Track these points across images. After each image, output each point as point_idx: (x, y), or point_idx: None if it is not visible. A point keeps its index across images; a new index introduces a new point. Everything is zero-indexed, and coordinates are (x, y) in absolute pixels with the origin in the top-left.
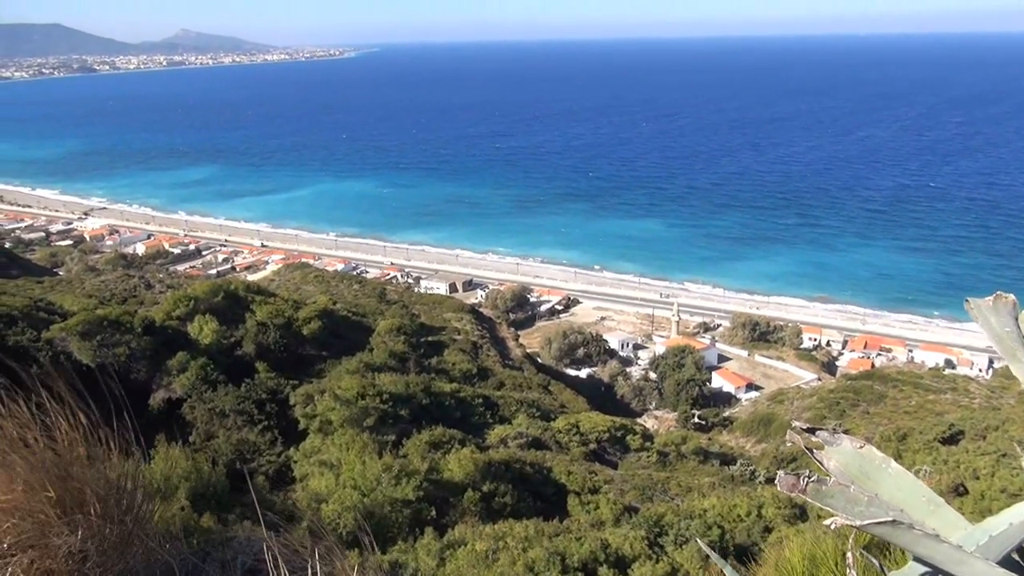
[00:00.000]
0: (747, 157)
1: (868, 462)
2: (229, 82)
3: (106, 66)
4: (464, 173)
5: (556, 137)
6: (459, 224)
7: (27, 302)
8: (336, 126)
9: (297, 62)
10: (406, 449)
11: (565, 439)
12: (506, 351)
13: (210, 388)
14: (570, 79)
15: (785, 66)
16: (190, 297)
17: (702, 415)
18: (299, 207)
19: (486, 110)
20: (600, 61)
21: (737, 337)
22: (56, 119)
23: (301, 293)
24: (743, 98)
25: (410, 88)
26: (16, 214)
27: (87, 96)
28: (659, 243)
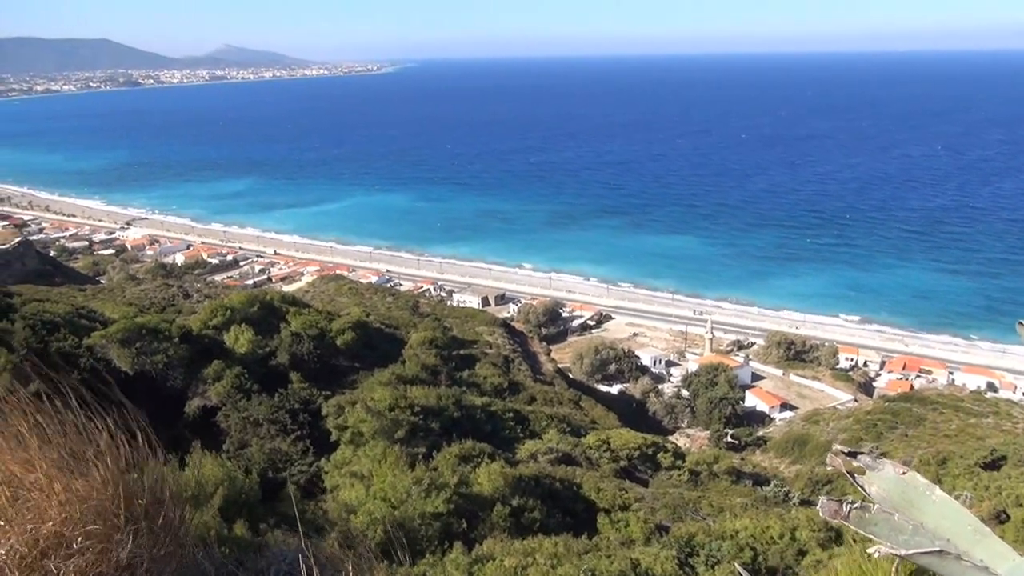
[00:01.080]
0: (781, 174)
1: (912, 489)
2: (269, 96)
3: (151, 80)
4: (497, 188)
5: (588, 152)
6: (492, 238)
7: (69, 309)
8: (372, 140)
9: (336, 77)
10: (436, 462)
11: (596, 455)
12: (537, 366)
13: (244, 397)
14: (603, 95)
15: (820, 83)
16: (227, 307)
17: (735, 434)
18: (334, 219)
19: (519, 125)
20: (633, 77)
21: (771, 356)
22: (101, 131)
23: (335, 304)
24: (777, 115)
25: (445, 103)
26: (62, 223)
27: (132, 109)
28: (693, 260)
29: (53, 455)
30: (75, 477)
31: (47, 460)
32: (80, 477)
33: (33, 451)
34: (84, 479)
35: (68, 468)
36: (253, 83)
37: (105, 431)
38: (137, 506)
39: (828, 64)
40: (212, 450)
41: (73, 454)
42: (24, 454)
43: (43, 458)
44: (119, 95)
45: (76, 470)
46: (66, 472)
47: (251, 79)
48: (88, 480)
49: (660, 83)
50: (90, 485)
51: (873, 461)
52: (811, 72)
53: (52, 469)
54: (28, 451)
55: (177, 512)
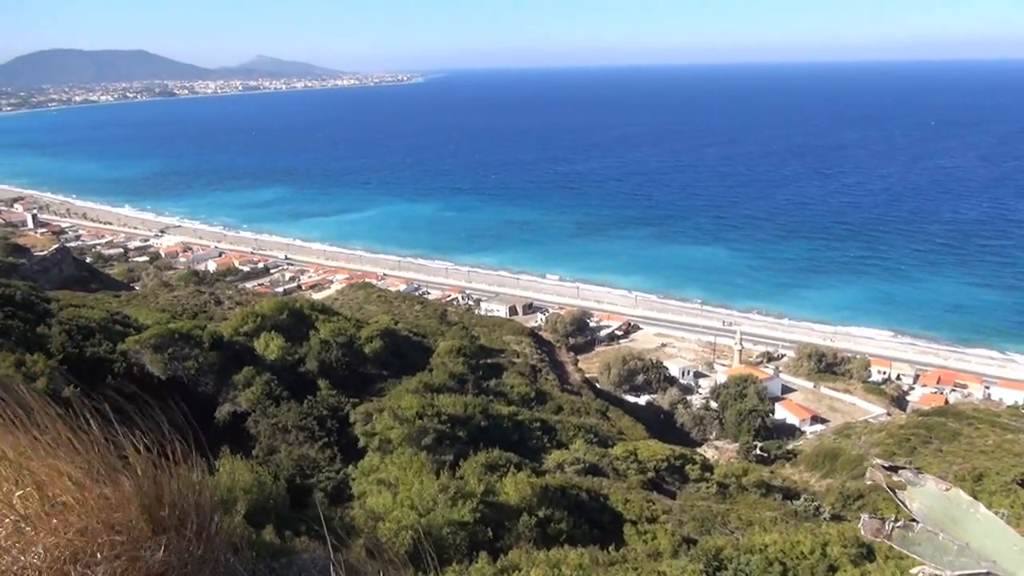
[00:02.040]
0: (812, 185)
1: (955, 506)
2: (300, 106)
3: (185, 90)
4: (524, 197)
5: (616, 162)
6: (519, 247)
7: (105, 315)
8: (401, 149)
9: (366, 87)
10: (463, 470)
11: (623, 466)
12: (565, 375)
13: (274, 403)
14: (630, 104)
15: (851, 92)
16: (257, 314)
17: (764, 447)
18: (363, 228)
19: (546, 135)
20: (660, 87)
21: (802, 368)
22: (137, 141)
23: (364, 312)
24: (808, 125)
25: (473, 113)
26: (98, 230)
27: (167, 119)
28: (721, 270)
29: (84, 462)
30: (106, 484)
31: (79, 467)
32: (111, 484)
33: (64, 458)
34: (115, 486)
35: (99, 475)
36: (285, 93)
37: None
38: (168, 513)
39: (859, 73)
40: (242, 456)
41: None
42: (55, 461)
43: (75, 465)
44: (155, 105)
45: (107, 477)
46: (97, 479)
47: (283, 89)
48: (119, 487)
49: (687, 93)
50: (121, 492)
51: (915, 476)
52: (842, 81)
53: (83, 476)
54: (59, 458)
55: (209, 518)
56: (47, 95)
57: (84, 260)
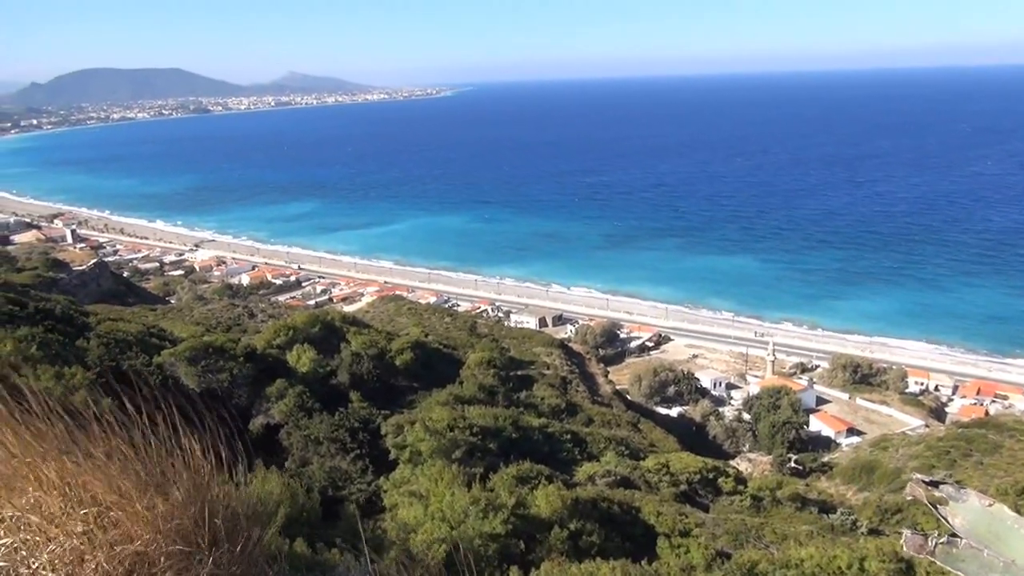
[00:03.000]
0: (843, 194)
1: (999, 522)
2: (331, 120)
3: (219, 107)
4: (552, 209)
5: (644, 173)
6: (549, 259)
7: (141, 328)
8: (430, 162)
9: (395, 101)
10: (493, 483)
11: (655, 479)
12: (595, 387)
13: (306, 415)
14: (658, 115)
15: (884, 100)
16: (290, 327)
17: (799, 459)
18: (394, 240)
19: (574, 146)
20: (690, 97)
21: (837, 379)
22: (173, 157)
23: (394, 325)
24: (839, 133)
25: (501, 125)
26: (135, 245)
27: (201, 135)
28: (753, 280)
29: (135, 475)
30: (156, 497)
31: (129, 480)
32: (161, 497)
33: (116, 471)
34: (165, 499)
35: (149, 488)
36: (316, 108)
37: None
38: (216, 525)
39: (892, 81)
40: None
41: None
42: (107, 475)
43: (125, 478)
44: (190, 121)
45: (157, 490)
46: (147, 492)
47: (314, 104)
48: (169, 500)
49: (716, 103)
50: (171, 505)
51: (956, 492)
52: (874, 89)
53: (134, 489)
54: (111, 472)
55: (251, 531)
56: (86, 113)
57: (121, 274)
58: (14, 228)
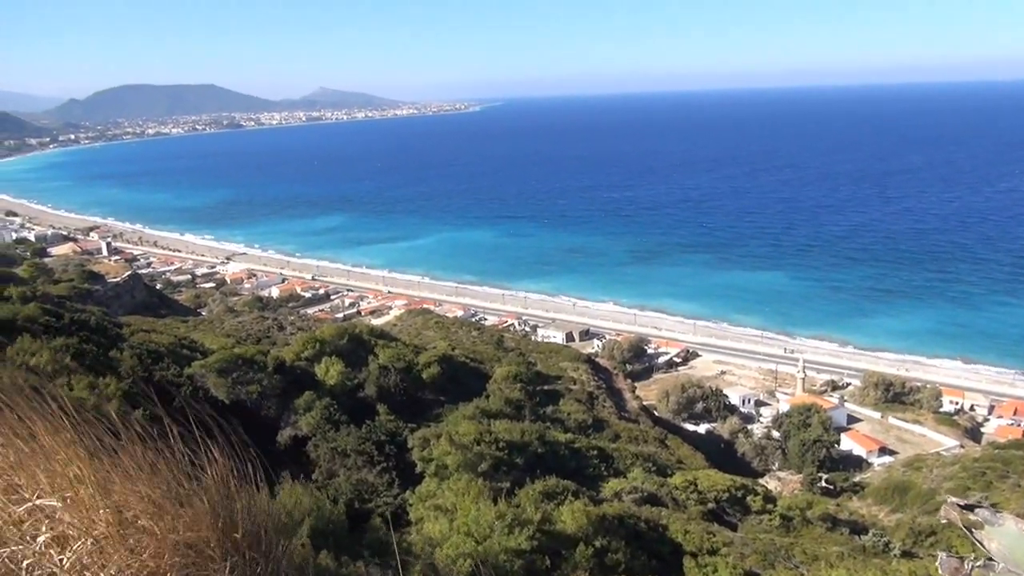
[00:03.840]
0: (874, 209)
1: None
2: (361, 135)
3: (251, 122)
4: (580, 224)
5: (671, 188)
6: (576, 273)
7: (172, 340)
8: (457, 177)
9: (424, 116)
10: (519, 498)
11: (682, 496)
12: (622, 403)
13: (333, 428)
14: (684, 130)
15: (916, 115)
16: (318, 339)
17: (830, 479)
18: (421, 255)
19: (602, 161)
20: (714, 112)
21: (868, 397)
22: (206, 171)
23: (422, 338)
24: (867, 148)
25: (528, 140)
26: (168, 258)
27: (233, 150)
28: (782, 296)
29: (162, 483)
30: (181, 506)
31: (156, 487)
32: (185, 506)
33: (143, 478)
34: (189, 508)
35: (176, 496)
36: (346, 123)
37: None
38: (240, 535)
39: (921, 95)
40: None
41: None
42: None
43: (153, 485)
44: (222, 137)
45: (183, 499)
46: (173, 501)
47: (344, 119)
48: (194, 509)
49: (743, 117)
50: (196, 514)
51: (992, 515)
52: (903, 104)
53: (161, 498)
54: (138, 478)
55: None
56: (122, 128)
57: (154, 286)
58: (51, 241)
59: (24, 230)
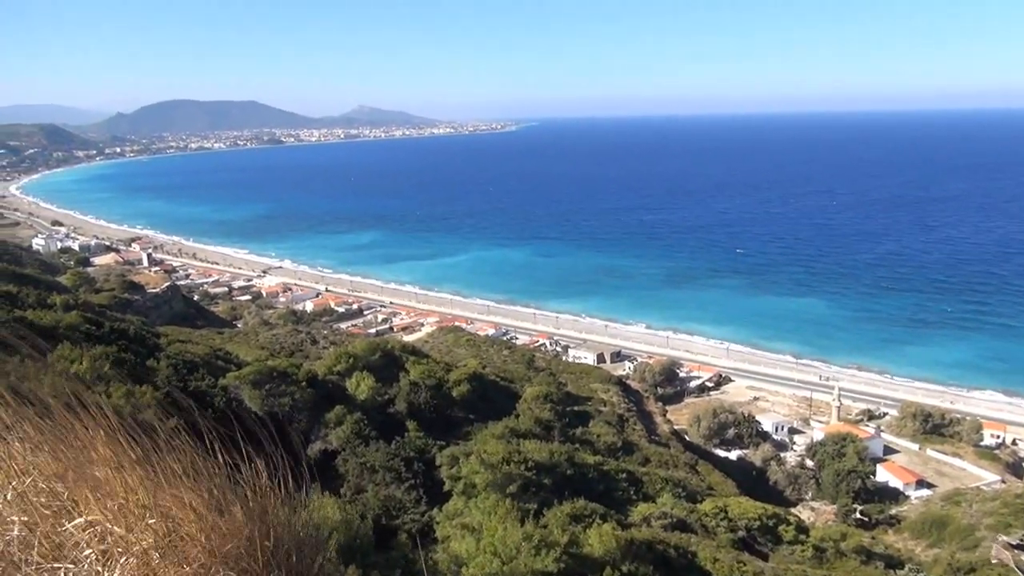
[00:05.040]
0: (914, 237)
1: None
2: (398, 153)
3: (291, 138)
4: (613, 245)
5: (704, 212)
6: (608, 294)
7: (208, 351)
8: (493, 196)
9: (461, 135)
10: (547, 519)
11: (712, 523)
12: (652, 426)
13: (363, 443)
14: (719, 153)
15: (960, 141)
16: (350, 354)
17: (865, 510)
18: (454, 272)
19: (636, 183)
20: (751, 135)
21: (906, 428)
22: (245, 185)
23: (453, 356)
24: (907, 175)
25: (563, 161)
26: (206, 270)
27: (273, 165)
28: (818, 323)
29: (204, 493)
30: (220, 516)
31: (198, 497)
32: (224, 516)
33: (185, 488)
34: (228, 519)
35: (216, 507)
36: (384, 141)
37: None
38: (275, 549)
39: (962, 122)
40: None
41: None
42: (177, 491)
43: (194, 495)
44: (263, 152)
45: (221, 510)
46: (213, 511)
47: (382, 137)
48: (232, 520)
49: (780, 141)
50: (233, 526)
51: None
52: (944, 130)
53: (202, 507)
54: (181, 488)
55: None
56: (166, 142)
57: (192, 298)
58: (95, 251)
59: (69, 240)
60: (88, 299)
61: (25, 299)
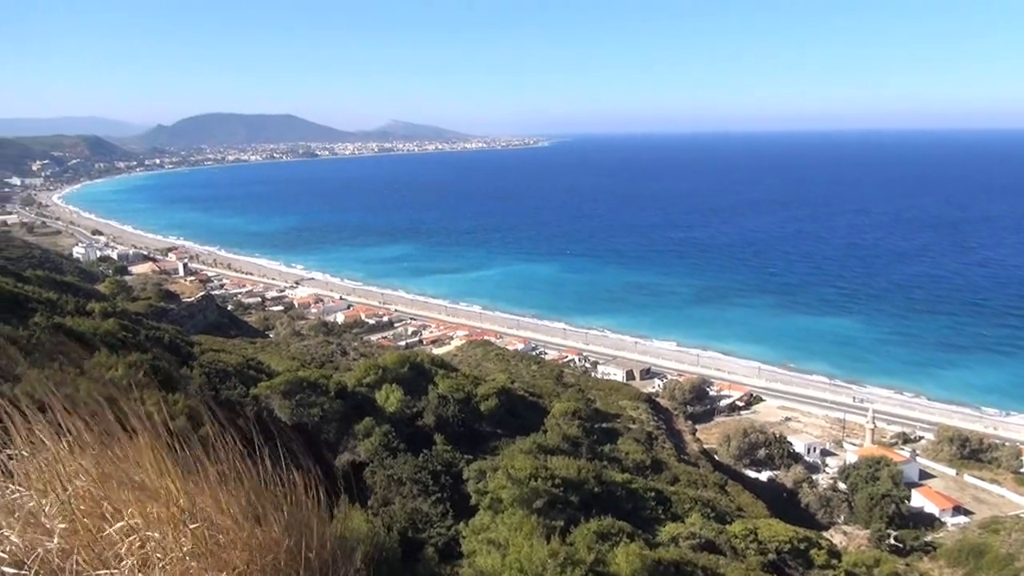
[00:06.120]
0: (952, 258)
1: None
2: (430, 167)
3: (326, 151)
4: (644, 261)
5: (734, 229)
6: (638, 311)
7: (240, 360)
8: (523, 211)
9: (493, 150)
10: (573, 537)
11: (741, 545)
12: (682, 445)
13: (391, 455)
14: (752, 170)
15: (995, 161)
16: (380, 366)
17: (899, 536)
18: (484, 286)
19: (667, 200)
20: (785, 152)
21: (943, 453)
22: (280, 198)
23: (481, 369)
24: (945, 194)
25: (594, 177)
26: (240, 280)
27: (308, 177)
28: (852, 344)
29: (242, 501)
30: (258, 525)
31: (237, 505)
32: (263, 526)
33: (225, 496)
34: (266, 529)
35: (254, 515)
36: (417, 155)
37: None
38: (310, 560)
39: (1004, 141)
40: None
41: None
42: (216, 498)
43: (233, 503)
44: (298, 165)
45: (259, 519)
46: (251, 519)
47: (415, 151)
48: (270, 531)
49: (815, 159)
50: (271, 536)
51: None
52: (983, 149)
53: (240, 515)
54: (220, 495)
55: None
56: (204, 154)
57: (226, 307)
58: (132, 259)
59: (108, 249)
60: (125, 307)
61: (65, 306)
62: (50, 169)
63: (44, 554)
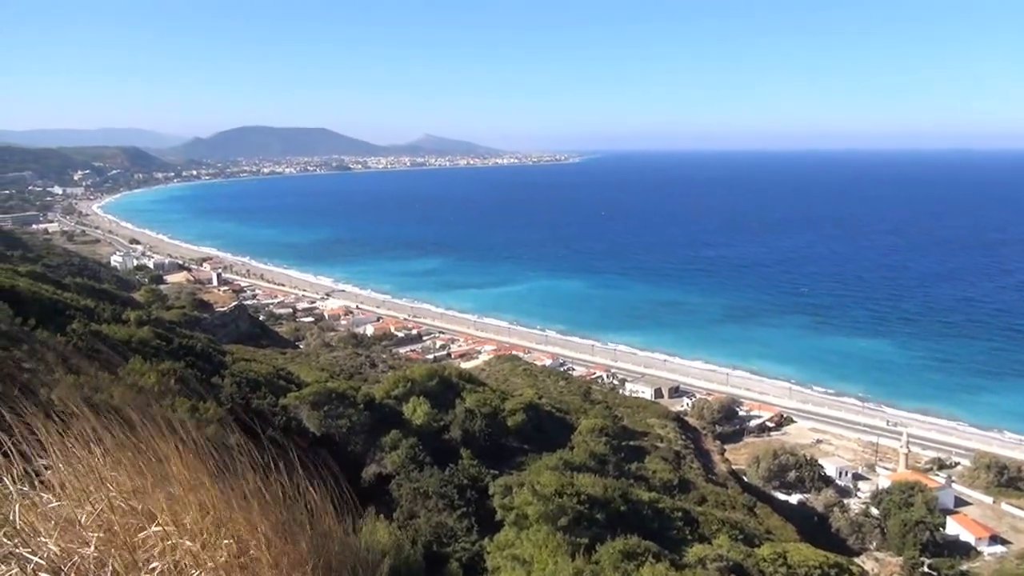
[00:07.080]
0: (988, 280)
1: None
2: (462, 182)
3: (359, 165)
4: (673, 278)
5: (765, 248)
6: (667, 329)
7: (271, 370)
8: (553, 226)
9: (524, 166)
10: (599, 555)
11: (770, 569)
12: (710, 464)
13: (417, 468)
14: (783, 189)
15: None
16: (408, 379)
17: (933, 564)
18: (513, 301)
19: (696, 217)
20: (816, 171)
21: (979, 480)
22: (313, 210)
23: (509, 384)
24: (981, 215)
25: (624, 193)
26: (272, 291)
27: (341, 190)
28: (886, 366)
29: (272, 518)
30: (288, 541)
31: (266, 520)
32: (293, 541)
33: (256, 510)
34: (295, 545)
35: (284, 532)
36: (449, 170)
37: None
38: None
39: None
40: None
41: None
42: (248, 513)
43: (264, 518)
44: (331, 178)
45: (289, 534)
46: (280, 535)
47: (447, 166)
48: (299, 548)
49: (846, 178)
50: (300, 553)
51: None
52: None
53: (270, 531)
54: (252, 510)
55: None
56: (239, 166)
57: (257, 317)
58: (168, 269)
59: (144, 257)
60: (160, 315)
61: (102, 313)
62: (91, 179)
63: (80, 561)
